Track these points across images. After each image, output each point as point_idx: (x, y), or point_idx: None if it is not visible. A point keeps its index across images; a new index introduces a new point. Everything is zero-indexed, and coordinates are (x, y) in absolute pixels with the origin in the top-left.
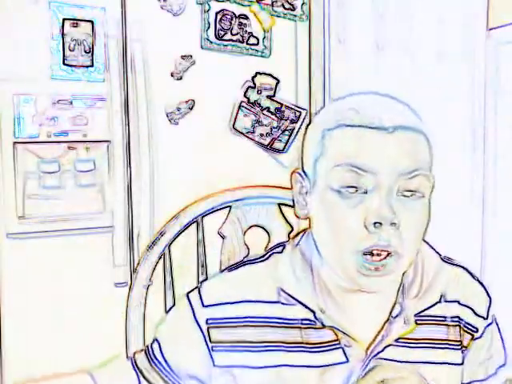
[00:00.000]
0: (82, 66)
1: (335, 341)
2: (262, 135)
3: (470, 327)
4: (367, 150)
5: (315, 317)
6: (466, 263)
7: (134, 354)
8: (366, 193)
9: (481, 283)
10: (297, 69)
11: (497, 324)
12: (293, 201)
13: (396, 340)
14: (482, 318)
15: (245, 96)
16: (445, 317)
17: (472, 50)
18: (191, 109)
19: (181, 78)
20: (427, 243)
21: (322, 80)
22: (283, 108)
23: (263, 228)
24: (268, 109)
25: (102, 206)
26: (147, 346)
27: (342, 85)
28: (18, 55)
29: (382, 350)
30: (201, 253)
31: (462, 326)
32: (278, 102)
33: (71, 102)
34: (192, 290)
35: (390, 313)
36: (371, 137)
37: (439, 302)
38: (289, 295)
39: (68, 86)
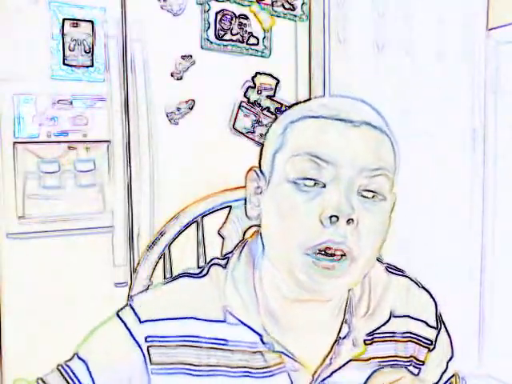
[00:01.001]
0: (82, 66)
1: (280, 364)
2: (262, 135)
3: (425, 341)
4: (329, 139)
5: (262, 340)
6: (466, 263)
7: (40, 378)
8: (324, 187)
9: (425, 289)
10: (297, 69)
11: (442, 321)
12: (245, 200)
13: (345, 362)
14: (434, 328)
15: (245, 96)
16: (394, 332)
17: (472, 50)
18: (191, 109)
19: (181, 78)
20: None
21: (322, 80)
22: (283, 108)
23: None
24: (268, 109)
25: (102, 206)
26: (62, 366)
27: (342, 85)
28: (17, 55)
29: (330, 375)
30: (201, 253)
31: (416, 340)
32: (278, 102)
33: (71, 102)
34: (122, 309)
35: (338, 333)
36: (335, 127)
37: (389, 317)
38: (235, 317)
39: (68, 86)
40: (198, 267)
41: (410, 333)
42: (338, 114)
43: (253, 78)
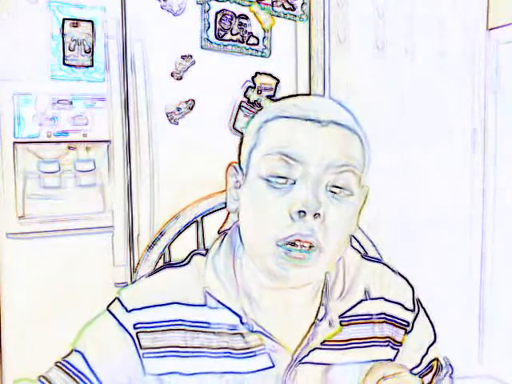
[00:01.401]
0: (82, 66)
1: (260, 345)
2: None
3: (402, 322)
4: (298, 140)
5: (241, 322)
6: (466, 263)
7: (42, 376)
8: (294, 184)
9: (401, 275)
10: (297, 69)
11: (422, 307)
12: (226, 195)
13: (322, 343)
14: (411, 311)
15: (245, 96)
16: (370, 314)
17: (472, 50)
18: (191, 109)
19: (181, 78)
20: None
21: (322, 80)
22: None
23: None
24: None
25: (102, 206)
26: (60, 362)
27: (342, 85)
28: (18, 55)
29: (308, 354)
30: None
31: (392, 322)
32: None
33: (71, 102)
34: (110, 304)
35: (316, 316)
36: (304, 128)
37: (365, 299)
38: (216, 299)
39: (68, 86)
40: None
41: (385, 314)
42: (308, 114)
43: (253, 78)
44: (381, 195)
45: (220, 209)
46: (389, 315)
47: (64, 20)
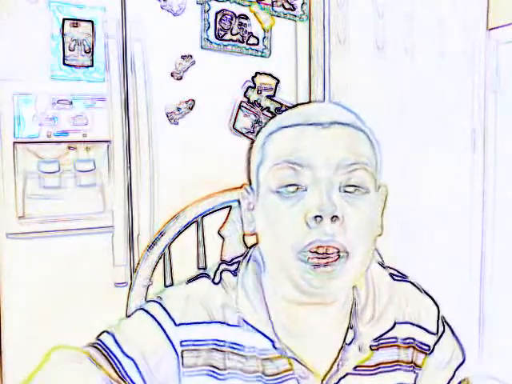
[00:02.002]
0: (82, 66)
1: (289, 370)
2: None
3: (423, 346)
4: (302, 144)
5: (274, 346)
6: (466, 263)
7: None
8: (305, 191)
9: (427, 294)
10: (297, 69)
11: (449, 326)
12: (241, 218)
13: (354, 368)
14: (433, 334)
15: (245, 96)
16: (396, 338)
17: (472, 50)
18: (191, 109)
19: (181, 78)
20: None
21: (322, 80)
22: (283, 108)
23: None
24: (268, 109)
25: (102, 206)
26: (109, 356)
27: (342, 85)
28: (18, 55)
29: (338, 382)
30: (201, 253)
31: (416, 346)
32: (277, 102)
33: (71, 102)
34: (147, 303)
35: (344, 339)
36: (307, 133)
37: (393, 326)
38: (248, 324)
39: (68, 86)
40: (199, 268)
41: (413, 339)
42: (309, 118)
43: (253, 78)
44: None
45: (220, 209)
46: (414, 339)
47: (64, 20)
